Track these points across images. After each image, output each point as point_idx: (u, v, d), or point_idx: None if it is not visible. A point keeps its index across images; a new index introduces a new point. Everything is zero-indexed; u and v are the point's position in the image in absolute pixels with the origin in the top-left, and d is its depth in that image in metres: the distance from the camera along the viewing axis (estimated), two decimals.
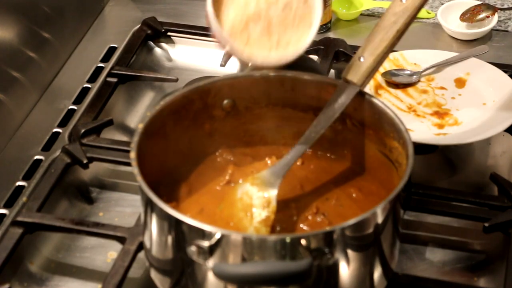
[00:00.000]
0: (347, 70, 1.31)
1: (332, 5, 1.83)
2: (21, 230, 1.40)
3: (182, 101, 1.34)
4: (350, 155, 1.39)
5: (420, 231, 1.48)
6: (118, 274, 1.32)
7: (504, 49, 1.79)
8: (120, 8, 1.91)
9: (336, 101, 1.31)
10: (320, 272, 1.17)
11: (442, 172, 1.58)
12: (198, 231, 1.15)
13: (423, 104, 1.62)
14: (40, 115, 1.65)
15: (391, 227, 1.22)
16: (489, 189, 1.52)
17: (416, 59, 1.69)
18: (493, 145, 1.61)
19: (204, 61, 1.81)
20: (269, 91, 1.38)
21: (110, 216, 1.50)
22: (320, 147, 1.41)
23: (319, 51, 1.74)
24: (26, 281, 1.39)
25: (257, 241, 1.13)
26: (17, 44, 1.63)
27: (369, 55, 1.31)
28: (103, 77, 1.70)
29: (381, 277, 1.25)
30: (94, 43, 1.81)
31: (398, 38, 1.31)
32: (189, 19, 1.87)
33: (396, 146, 1.29)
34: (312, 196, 1.34)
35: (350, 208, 1.31)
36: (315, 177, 1.38)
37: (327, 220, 1.28)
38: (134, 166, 1.22)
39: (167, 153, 1.36)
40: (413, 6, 1.30)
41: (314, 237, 1.13)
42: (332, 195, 1.34)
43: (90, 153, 1.52)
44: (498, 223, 1.40)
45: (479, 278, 1.40)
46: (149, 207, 1.21)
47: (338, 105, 1.31)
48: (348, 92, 1.31)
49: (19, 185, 1.50)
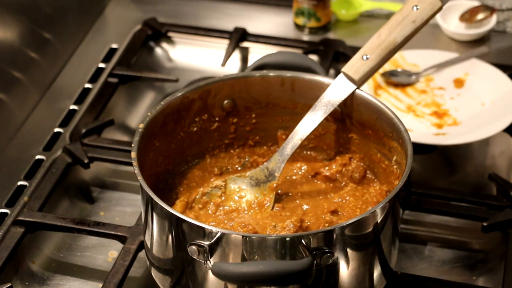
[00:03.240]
0: (350, 66, 1.32)
1: (332, 6, 1.84)
2: (22, 229, 1.40)
3: (182, 101, 1.35)
4: (349, 154, 1.39)
5: (419, 230, 1.48)
6: (119, 273, 1.33)
7: (503, 50, 1.79)
8: (120, 9, 1.91)
9: (333, 95, 1.32)
10: (320, 271, 1.17)
11: (441, 172, 1.59)
12: (198, 230, 1.15)
13: (422, 104, 1.63)
14: (41, 115, 1.65)
15: (391, 226, 1.23)
16: (488, 189, 1.52)
17: (415, 59, 1.70)
18: (492, 145, 1.61)
19: (204, 61, 1.81)
20: (269, 91, 1.39)
21: (111, 216, 1.51)
22: (319, 146, 1.41)
23: (319, 51, 1.75)
24: (28, 280, 1.39)
25: (257, 240, 1.14)
26: (19, 44, 1.63)
27: (374, 55, 1.31)
28: (104, 78, 1.71)
29: (381, 276, 1.26)
30: (95, 44, 1.82)
31: (406, 41, 1.32)
32: (189, 19, 1.88)
33: (395, 146, 1.30)
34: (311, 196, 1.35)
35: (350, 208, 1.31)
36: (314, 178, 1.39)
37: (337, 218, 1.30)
38: (134, 166, 1.22)
39: (167, 153, 1.36)
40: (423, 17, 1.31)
41: (314, 236, 1.14)
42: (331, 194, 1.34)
43: (91, 153, 1.53)
44: (497, 222, 1.41)
45: (478, 277, 1.41)
46: (150, 207, 1.22)
47: (335, 99, 1.32)
48: (346, 88, 1.32)
49: (20, 185, 1.51)
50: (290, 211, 1.31)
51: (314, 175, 1.38)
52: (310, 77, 1.37)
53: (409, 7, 1.32)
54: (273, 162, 1.34)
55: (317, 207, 1.31)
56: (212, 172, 1.39)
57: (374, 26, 1.84)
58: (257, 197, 1.33)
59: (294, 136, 1.32)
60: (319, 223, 1.27)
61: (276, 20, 1.88)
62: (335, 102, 1.32)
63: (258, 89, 1.38)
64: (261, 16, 1.89)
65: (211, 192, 1.33)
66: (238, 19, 1.87)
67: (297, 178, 1.38)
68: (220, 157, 1.42)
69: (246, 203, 1.32)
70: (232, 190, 1.33)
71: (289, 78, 1.37)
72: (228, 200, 1.32)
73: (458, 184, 1.55)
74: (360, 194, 1.33)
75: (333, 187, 1.36)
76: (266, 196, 1.33)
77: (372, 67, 1.32)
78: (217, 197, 1.32)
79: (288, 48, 1.76)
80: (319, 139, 1.41)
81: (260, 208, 1.31)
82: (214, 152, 1.42)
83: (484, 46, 1.77)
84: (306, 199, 1.33)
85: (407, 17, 1.31)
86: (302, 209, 1.31)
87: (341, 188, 1.35)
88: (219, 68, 1.75)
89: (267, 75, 1.37)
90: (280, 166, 1.33)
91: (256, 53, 1.78)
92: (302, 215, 1.29)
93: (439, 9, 1.32)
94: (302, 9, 1.81)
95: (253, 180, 1.34)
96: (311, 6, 1.80)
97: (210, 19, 1.88)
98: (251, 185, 1.34)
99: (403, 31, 1.31)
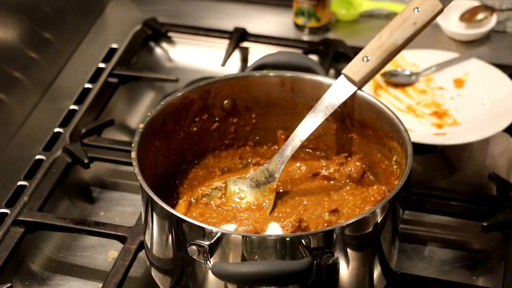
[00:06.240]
0: (350, 68, 1.32)
1: (332, 6, 1.84)
2: (22, 229, 1.40)
3: (182, 101, 1.35)
4: (349, 154, 1.39)
5: (419, 230, 1.48)
6: (119, 273, 1.33)
7: (503, 50, 1.79)
8: (120, 9, 1.92)
9: (334, 96, 1.32)
10: (320, 271, 1.17)
11: (441, 171, 1.59)
12: (198, 230, 1.15)
13: (422, 104, 1.63)
14: (41, 115, 1.65)
15: (391, 226, 1.23)
16: (488, 189, 1.52)
17: (415, 59, 1.70)
18: (492, 145, 1.62)
19: (204, 61, 1.81)
20: (269, 91, 1.39)
21: (111, 216, 1.51)
22: (318, 146, 1.41)
23: (319, 51, 1.75)
24: (28, 280, 1.40)
25: (257, 240, 1.14)
26: (19, 44, 1.63)
27: (374, 56, 1.31)
28: (104, 78, 1.71)
29: (381, 276, 1.26)
30: (95, 44, 1.82)
31: (406, 43, 1.32)
32: (189, 19, 1.88)
33: (395, 146, 1.30)
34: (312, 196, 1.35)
35: (349, 207, 1.32)
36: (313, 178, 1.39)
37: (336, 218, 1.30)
38: (134, 166, 1.22)
39: (167, 153, 1.36)
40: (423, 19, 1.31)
41: (314, 236, 1.14)
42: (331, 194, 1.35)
43: (91, 153, 1.53)
44: (497, 222, 1.41)
45: (478, 277, 1.41)
46: (150, 207, 1.22)
47: (335, 101, 1.32)
48: (346, 89, 1.32)
49: (20, 185, 1.51)
50: (289, 211, 1.31)
51: (313, 175, 1.38)
52: (310, 77, 1.37)
53: (410, 9, 1.32)
54: (273, 163, 1.34)
55: (316, 207, 1.31)
56: (214, 171, 1.39)
57: (374, 26, 1.84)
58: (257, 199, 1.33)
59: (294, 138, 1.32)
60: (318, 222, 1.27)
61: (276, 20, 1.88)
62: (335, 104, 1.32)
63: (258, 89, 1.38)
64: (261, 16, 1.89)
65: (211, 193, 1.33)
66: (238, 19, 1.87)
67: (296, 178, 1.38)
68: (222, 156, 1.42)
69: (246, 205, 1.32)
70: (232, 192, 1.33)
71: (289, 78, 1.37)
72: (228, 202, 1.33)
73: (458, 184, 1.55)
74: (360, 193, 1.33)
75: (332, 186, 1.36)
76: (266, 197, 1.33)
77: (372, 68, 1.32)
78: (217, 199, 1.33)
79: (288, 48, 1.76)
80: (319, 139, 1.41)
81: (260, 209, 1.31)
82: (215, 152, 1.42)
83: (484, 46, 1.77)
84: (305, 198, 1.33)
85: (408, 19, 1.31)
86: (301, 208, 1.31)
87: (340, 187, 1.35)
88: (219, 68, 1.75)
89: (267, 75, 1.37)
90: (280, 168, 1.33)
91: (256, 53, 1.78)
92: (301, 215, 1.29)
93: (440, 11, 1.33)
94: (302, 9, 1.81)
95: (253, 181, 1.34)
96: (311, 6, 1.80)
97: (210, 19, 1.88)
98: (251, 186, 1.34)
99: (404, 33, 1.31)
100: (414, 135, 1.51)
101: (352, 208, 1.31)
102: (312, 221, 1.28)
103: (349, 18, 1.87)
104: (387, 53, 1.31)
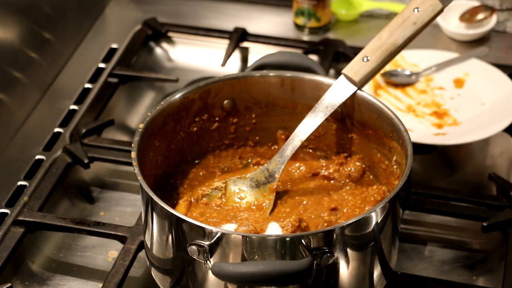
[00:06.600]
0: (350, 68, 1.32)
1: (332, 6, 1.84)
2: (22, 229, 1.40)
3: (182, 101, 1.35)
4: (349, 154, 1.39)
5: (419, 230, 1.48)
6: (119, 273, 1.33)
7: (503, 50, 1.79)
8: (120, 9, 1.92)
9: (334, 97, 1.32)
10: (320, 271, 1.17)
11: (441, 172, 1.59)
12: (198, 230, 1.15)
13: (422, 104, 1.63)
14: (41, 115, 1.65)
15: (391, 226, 1.23)
16: (488, 189, 1.52)
17: (415, 59, 1.70)
18: (492, 145, 1.62)
19: (204, 61, 1.81)
20: (269, 91, 1.39)
21: (111, 216, 1.51)
22: (318, 146, 1.42)
23: (319, 51, 1.75)
24: (28, 280, 1.40)
25: (257, 241, 1.14)
26: (19, 44, 1.63)
27: (374, 56, 1.31)
28: (104, 78, 1.71)
29: (381, 276, 1.26)
30: (95, 44, 1.82)
31: (406, 43, 1.32)
32: (189, 19, 1.88)
33: (395, 146, 1.30)
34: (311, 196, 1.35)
35: (349, 207, 1.32)
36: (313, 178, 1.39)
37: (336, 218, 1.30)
38: (134, 166, 1.22)
39: (167, 153, 1.36)
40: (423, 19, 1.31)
41: (314, 236, 1.14)
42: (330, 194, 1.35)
43: (91, 153, 1.53)
44: (497, 222, 1.41)
45: (478, 277, 1.41)
46: (150, 207, 1.22)
47: (335, 101, 1.32)
48: (346, 89, 1.32)
49: (20, 185, 1.51)
50: (289, 211, 1.31)
51: (313, 175, 1.38)
52: (310, 77, 1.37)
53: (410, 9, 1.32)
54: (273, 163, 1.34)
55: (316, 207, 1.31)
56: (214, 171, 1.39)
57: (374, 26, 1.84)
58: (257, 199, 1.33)
59: (294, 138, 1.32)
60: (318, 222, 1.27)
61: (276, 20, 1.88)
62: (335, 104, 1.32)
63: (258, 89, 1.38)
64: (261, 16, 1.89)
65: (211, 193, 1.33)
66: (238, 19, 1.87)
67: (296, 178, 1.38)
68: (222, 156, 1.42)
69: (246, 205, 1.32)
70: (232, 192, 1.33)
71: (289, 78, 1.37)
72: (228, 202, 1.33)
73: (458, 184, 1.55)
74: (359, 193, 1.33)
75: (332, 186, 1.36)
76: (266, 197, 1.33)
77: (372, 68, 1.32)
78: (217, 199, 1.33)
79: (288, 48, 1.76)
80: (319, 139, 1.41)
81: (260, 209, 1.31)
82: (215, 152, 1.42)
83: (484, 46, 1.77)
84: (305, 198, 1.33)
85: (408, 19, 1.31)
86: (301, 208, 1.31)
87: (340, 187, 1.35)
88: (219, 68, 1.75)
89: (267, 75, 1.37)
90: (280, 168, 1.33)
91: (256, 53, 1.78)
92: (301, 214, 1.29)
93: (440, 11, 1.33)
94: (302, 9, 1.81)
95: (253, 181, 1.34)
96: (311, 6, 1.80)
97: (210, 19, 1.88)
98: (251, 186, 1.34)
99: (404, 33, 1.31)
100: (414, 135, 1.51)
101: (352, 208, 1.31)
102: (312, 221, 1.28)
103: (349, 18, 1.87)
104: (387, 53, 1.31)
